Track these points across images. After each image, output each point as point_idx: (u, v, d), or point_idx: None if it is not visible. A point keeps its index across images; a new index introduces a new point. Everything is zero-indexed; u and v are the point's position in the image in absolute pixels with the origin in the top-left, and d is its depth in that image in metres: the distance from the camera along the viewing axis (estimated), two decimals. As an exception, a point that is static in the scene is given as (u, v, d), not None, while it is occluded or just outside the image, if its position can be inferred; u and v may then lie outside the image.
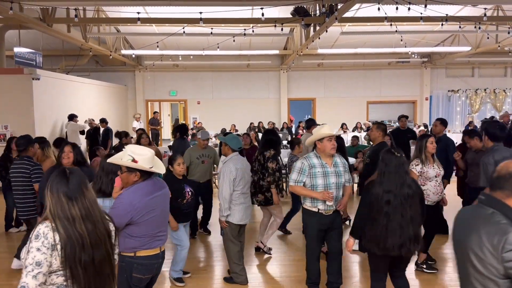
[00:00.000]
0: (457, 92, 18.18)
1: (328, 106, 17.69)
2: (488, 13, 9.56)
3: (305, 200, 4.18)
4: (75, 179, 2.25)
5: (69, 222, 2.18)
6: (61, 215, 2.18)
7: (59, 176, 2.25)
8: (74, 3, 8.94)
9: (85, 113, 12.51)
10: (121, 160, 3.03)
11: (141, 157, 3.01)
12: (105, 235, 2.31)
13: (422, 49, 14.80)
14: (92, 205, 2.29)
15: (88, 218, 2.24)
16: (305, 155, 4.25)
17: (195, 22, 8.85)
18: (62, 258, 2.14)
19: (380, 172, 3.51)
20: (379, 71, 17.99)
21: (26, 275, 2.09)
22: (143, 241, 3.04)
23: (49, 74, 11.02)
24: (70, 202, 2.20)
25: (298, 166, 4.13)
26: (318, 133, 4.11)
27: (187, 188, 4.73)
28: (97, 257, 2.24)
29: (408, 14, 8.41)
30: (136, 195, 2.98)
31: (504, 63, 17.74)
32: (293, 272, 5.19)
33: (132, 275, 3.03)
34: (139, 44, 15.28)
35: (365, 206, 3.55)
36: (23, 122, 9.70)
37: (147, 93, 17.90)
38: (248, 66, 17.51)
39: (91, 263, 2.21)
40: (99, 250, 2.26)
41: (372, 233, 3.45)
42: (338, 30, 11.71)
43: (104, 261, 2.30)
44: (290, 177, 4.21)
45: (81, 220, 2.21)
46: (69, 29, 11.03)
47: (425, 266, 5.04)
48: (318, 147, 4.12)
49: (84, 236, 2.20)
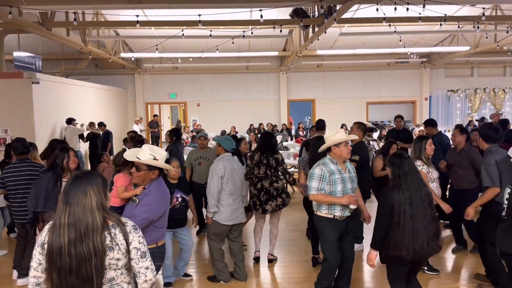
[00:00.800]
0: (457, 92, 18.20)
1: (327, 107, 17.70)
2: (486, 13, 9.57)
3: (321, 208, 4.02)
4: (83, 184, 2.12)
5: (56, 228, 2.08)
6: (55, 218, 2.11)
7: (72, 178, 2.16)
8: (73, 7, 8.96)
9: (85, 116, 12.51)
10: (144, 159, 3.35)
11: (161, 157, 3.41)
12: (92, 252, 2.05)
13: (421, 49, 14.82)
14: (87, 214, 2.07)
15: (74, 228, 2.05)
16: (321, 161, 4.05)
17: (194, 25, 8.87)
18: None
19: (395, 176, 3.48)
20: (378, 72, 18.00)
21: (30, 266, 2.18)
22: (162, 231, 3.47)
23: (49, 78, 11.03)
24: (65, 207, 2.08)
25: (317, 173, 3.95)
26: (334, 138, 3.97)
27: (177, 194, 4.55)
28: (75, 271, 2.05)
29: (407, 14, 8.42)
30: (163, 189, 3.44)
31: (503, 63, 17.76)
32: (294, 274, 5.19)
33: (156, 264, 3.01)
34: (138, 47, 15.30)
35: (385, 213, 3.42)
36: (23, 126, 9.69)
37: (146, 96, 17.92)
38: (248, 68, 17.53)
39: (67, 275, 2.05)
40: (81, 265, 2.05)
41: (397, 239, 3.36)
42: (337, 31, 11.73)
43: (86, 279, 2.07)
44: (310, 186, 3.98)
45: (66, 228, 2.05)
46: (68, 32, 11.06)
47: (426, 268, 5.02)
48: (333, 152, 3.99)
49: (63, 246, 2.04)
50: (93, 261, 2.06)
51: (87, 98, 13.60)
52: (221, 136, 5.44)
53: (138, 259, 2.19)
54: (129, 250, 2.15)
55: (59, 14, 9.85)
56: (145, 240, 2.25)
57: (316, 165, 4.04)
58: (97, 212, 2.09)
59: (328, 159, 4.04)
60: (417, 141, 4.95)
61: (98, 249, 2.06)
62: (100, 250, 2.06)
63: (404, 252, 3.35)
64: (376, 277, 5.03)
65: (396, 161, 3.51)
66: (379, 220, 3.47)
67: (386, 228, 3.43)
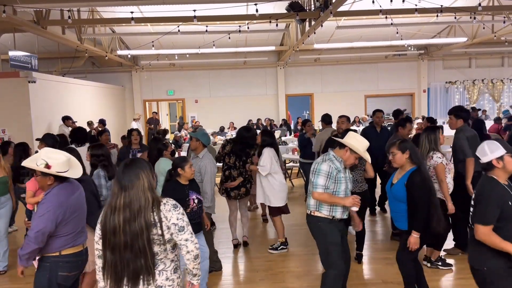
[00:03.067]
0: (455, 84, 18.17)
1: (326, 101, 17.67)
2: (483, 3, 9.55)
3: (322, 208, 3.74)
4: (134, 169, 2.42)
5: (110, 209, 2.38)
6: (110, 201, 2.41)
7: (123, 165, 2.46)
8: (67, 5, 8.89)
9: (83, 115, 12.49)
10: (36, 165, 3.04)
11: (55, 162, 3.05)
12: (143, 229, 2.35)
13: (419, 41, 14.77)
14: (137, 197, 2.37)
15: (130, 209, 2.36)
16: (326, 156, 3.74)
17: (189, 20, 8.82)
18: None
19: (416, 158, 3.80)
20: (376, 65, 17.96)
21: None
22: (68, 240, 3.15)
23: (45, 76, 11.00)
24: (120, 191, 2.38)
25: (325, 169, 3.64)
26: (358, 146, 3.65)
27: (192, 195, 4.17)
28: (129, 248, 2.36)
29: (403, 6, 8.39)
30: (62, 196, 3.09)
31: (501, 53, 17.72)
32: (293, 268, 5.20)
33: (59, 274, 3.12)
34: (134, 44, 15.25)
35: (426, 193, 3.68)
36: (20, 125, 9.68)
37: (144, 93, 17.88)
38: (245, 63, 17.48)
39: (122, 251, 2.36)
40: (135, 241, 2.35)
41: (437, 215, 3.70)
42: (334, 24, 11.68)
43: (139, 253, 2.37)
44: (316, 182, 3.65)
45: (121, 210, 2.36)
46: (64, 31, 10.99)
47: (440, 263, 4.92)
48: (343, 154, 3.70)
49: (119, 225, 2.35)
50: (144, 235, 2.35)
51: (84, 96, 13.57)
52: (198, 131, 5.37)
53: (177, 233, 2.43)
54: (169, 226, 2.42)
55: (54, 12, 9.79)
56: (185, 216, 2.48)
57: (321, 160, 3.72)
58: (148, 192, 2.41)
59: (333, 155, 3.75)
60: (430, 132, 4.71)
61: (149, 223, 2.36)
62: (150, 224, 2.37)
63: (442, 226, 3.74)
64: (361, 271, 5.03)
65: (411, 145, 3.85)
66: (421, 202, 3.65)
67: (427, 208, 3.67)
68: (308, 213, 3.85)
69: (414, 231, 3.69)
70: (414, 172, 3.72)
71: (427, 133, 4.72)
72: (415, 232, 3.69)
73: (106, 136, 7.74)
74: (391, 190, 3.91)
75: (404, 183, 3.75)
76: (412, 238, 3.68)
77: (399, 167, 3.88)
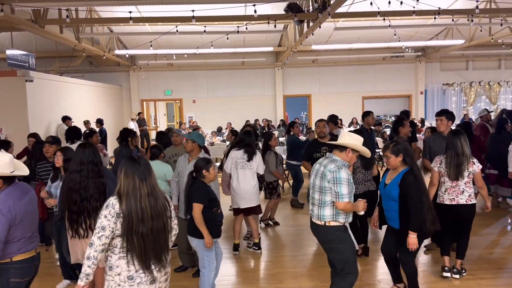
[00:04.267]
0: (452, 86, 18.23)
1: (323, 102, 17.69)
2: (480, 6, 9.58)
3: (338, 217, 3.58)
4: (143, 163, 2.77)
5: (135, 199, 2.67)
6: (131, 193, 2.67)
7: (131, 161, 2.76)
8: (65, 4, 8.88)
9: (80, 114, 12.46)
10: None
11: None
12: (163, 209, 2.79)
13: (416, 43, 14.81)
14: (155, 183, 2.80)
15: (152, 195, 2.73)
16: (337, 163, 3.56)
17: (187, 21, 8.82)
18: (122, 228, 2.65)
19: (410, 160, 3.88)
20: (374, 66, 18.00)
21: (94, 235, 2.66)
22: (19, 245, 3.02)
23: (43, 76, 10.98)
24: (141, 182, 2.70)
25: (345, 177, 3.47)
26: (359, 143, 3.61)
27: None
28: (155, 228, 2.72)
29: (401, 8, 8.42)
30: (10, 200, 2.94)
31: (498, 56, 17.79)
32: (289, 268, 5.20)
33: (10, 280, 3.03)
34: (132, 44, 15.23)
35: (419, 192, 3.76)
36: (17, 124, 9.66)
37: (142, 93, 17.85)
38: (243, 64, 17.48)
39: (149, 233, 2.69)
40: (158, 221, 2.74)
41: (431, 215, 3.81)
42: (332, 25, 11.71)
43: (161, 231, 2.77)
44: (340, 192, 3.45)
45: (147, 197, 2.70)
46: (61, 30, 10.97)
47: (464, 271, 4.78)
48: (346, 156, 3.59)
49: (146, 210, 2.68)
50: (165, 216, 2.81)
51: (82, 95, 13.54)
52: (192, 133, 5.31)
53: (173, 218, 2.98)
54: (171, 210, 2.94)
55: (52, 11, 9.77)
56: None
57: (337, 168, 3.49)
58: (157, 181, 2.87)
59: (340, 160, 3.58)
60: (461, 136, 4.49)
61: (166, 205, 2.83)
62: (168, 203, 2.88)
63: (436, 226, 3.86)
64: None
65: (403, 147, 3.92)
66: (418, 202, 3.73)
67: (424, 207, 3.76)
68: (321, 224, 3.61)
69: (411, 232, 3.75)
70: (407, 172, 3.83)
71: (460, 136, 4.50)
72: (412, 232, 3.74)
73: (96, 138, 7.71)
74: (385, 190, 3.99)
75: (397, 182, 3.84)
76: (410, 239, 3.75)
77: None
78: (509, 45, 14.52)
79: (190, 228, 4.02)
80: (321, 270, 4.98)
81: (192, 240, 4.04)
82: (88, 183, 3.82)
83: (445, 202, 4.53)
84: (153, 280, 2.74)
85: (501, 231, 6.33)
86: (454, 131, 4.65)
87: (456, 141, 4.44)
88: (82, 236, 3.87)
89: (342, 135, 3.73)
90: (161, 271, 2.78)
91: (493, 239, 5.96)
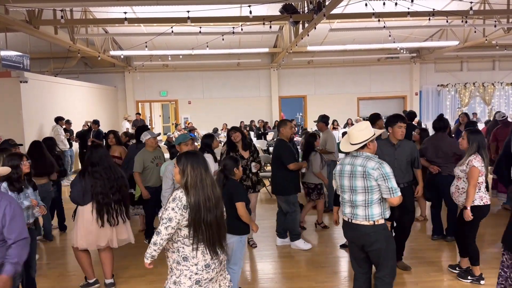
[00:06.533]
0: (447, 87, 18.32)
1: (319, 103, 17.72)
2: (474, 7, 9.64)
3: (385, 213, 3.50)
4: (201, 156, 2.99)
5: (203, 189, 2.85)
6: (198, 185, 2.85)
7: (192, 155, 2.97)
8: (60, 4, 8.85)
9: (75, 115, 12.43)
10: None
11: None
12: (220, 197, 2.99)
13: (411, 45, 14.87)
14: (213, 176, 3.04)
15: (213, 184, 2.95)
16: (374, 158, 3.48)
17: (182, 21, 8.82)
18: (189, 219, 2.80)
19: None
20: (369, 68, 18.07)
21: (161, 225, 2.82)
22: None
23: (37, 76, 10.93)
24: (205, 173, 2.91)
25: (390, 170, 3.41)
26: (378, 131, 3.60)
27: None
28: (218, 215, 2.92)
29: (396, 10, 8.47)
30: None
31: (492, 57, 17.91)
32: (285, 268, 5.20)
33: None
34: (127, 45, 15.20)
35: None
36: (11, 125, 9.61)
37: (137, 94, 17.81)
38: (239, 65, 17.49)
39: (214, 220, 2.88)
40: (219, 209, 2.94)
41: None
42: (327, 27, 11.74)
43: (221, 217, 2.98)
44: (393, 187, 3.37)
45: (210, 187, 2.90)
46: (56, 31, 10.93)
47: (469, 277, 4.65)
48: (373, 148, 3.54)
49: (211, 199, 2.88)
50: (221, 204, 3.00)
51: (77, 96, 13.50)
52: (179, 136, 5.22)
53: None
54: None
55: (47, 12, 9.74)
56: None
57: (380, 163, 3.41)
58: None
59: (371, 155, 3.50)
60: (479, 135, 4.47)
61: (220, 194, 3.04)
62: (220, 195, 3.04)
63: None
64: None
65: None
66: None
67: None
68: (370, 224, 3.44)
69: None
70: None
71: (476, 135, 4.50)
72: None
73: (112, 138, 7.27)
74: None
75: None
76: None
77: None
78: (503, 46, 14.63)
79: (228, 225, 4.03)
80: (317, 271, 4.99)
81: (230, 238, 4.00)
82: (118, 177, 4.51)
83: (488, 202, 4.40)
84: (220, 262, 3.01)
85: (495, 232, 6.36)
86: (476, 130, 4.58)
87: (484, 141, 4.43)
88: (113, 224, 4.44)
89: (353, 135, 3.53)
90: (221, 254, 3.00)
91: (489, 238, 5.99)
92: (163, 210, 2.89)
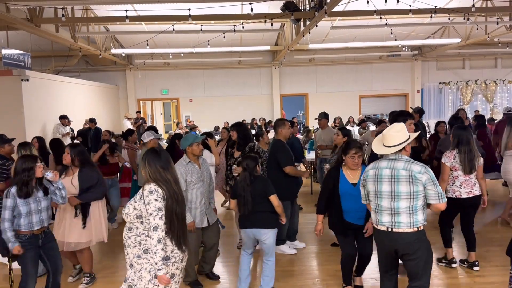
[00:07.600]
0: (448, 84, 18.27)
1: (320, 101, 17.70)
2: (476, 4, 9.62)
3: (426, 218, 3.34)
4: (164, 156, 3.09)
5: (166, 184, 2.99)
6: (160, 179, 2.98)
7: (153, 154, 3.08)
8: (61, 3, 8.84)
9: (76, 114, 12.44)
10: None
11: None
12: (183, 195, 3.15)
13: (413, 42, 14.84)
14: (175, 173, 3.14)
15: (176, 182, 3.07)
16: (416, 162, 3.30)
17: (184, 19, 8.81)
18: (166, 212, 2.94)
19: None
20: (370, 65, 18.02)
21: (154, 218, 2.89)
22: None
23: (39, 75, 10.93)
24: (164, 170, 3.01)
25: (433, 174, 3.27)
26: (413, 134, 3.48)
27: None
28: (182, 211, 3.06)
29: (397, 7, 8.42)
30: None
31: (494, 54, 17.84)
32: (286, 266, 5.20)
33: None
34: (129, 43, 15.19)
35: None
36: (13, 124, 9.60)
37: (138, 92, 17.81)
38: (240, 63, 17.47)
39: (181, 214, 3.03)
40: (184, 205, 3.11)
41: None
42: (329, 24, 11.70)
43: (185, 214, 3.13)
44: (441, 191, 3.23)
45: (173, 183, 3.04)
46: (57, 29, 10.93)
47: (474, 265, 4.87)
48: (407, 151, 3.43)
49: (177, 193, 3.03)
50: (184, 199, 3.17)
51: (78, 95, 13.50)
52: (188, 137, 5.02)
53: None
54: None
55: (48, 10, 9.73)
56: None
57: (425, 167, 3.24)
58: None
59: (410, 158, 3.33)
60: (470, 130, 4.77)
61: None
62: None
63: None
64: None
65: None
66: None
67: None
68: (415, 231, 3.23)
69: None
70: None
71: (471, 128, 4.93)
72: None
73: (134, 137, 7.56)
74: (355, 190, 3.93)
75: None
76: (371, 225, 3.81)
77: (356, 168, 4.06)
78: (505, 44, 14.58)
79: (263, 220, 4.26)
80: (318, 268, 4.99)
81: (266, 232, 4.25)
82: None
83: (463, 196, 4.64)
84: (181, 259, 3.07)
85: (497, 228, 6.35)
86: (462, 127, 4.77)
87: (469, 136, 4.62)
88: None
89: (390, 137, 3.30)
90: (185, 250, 3.10)
91: (491, 236, 5.98)
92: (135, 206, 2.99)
